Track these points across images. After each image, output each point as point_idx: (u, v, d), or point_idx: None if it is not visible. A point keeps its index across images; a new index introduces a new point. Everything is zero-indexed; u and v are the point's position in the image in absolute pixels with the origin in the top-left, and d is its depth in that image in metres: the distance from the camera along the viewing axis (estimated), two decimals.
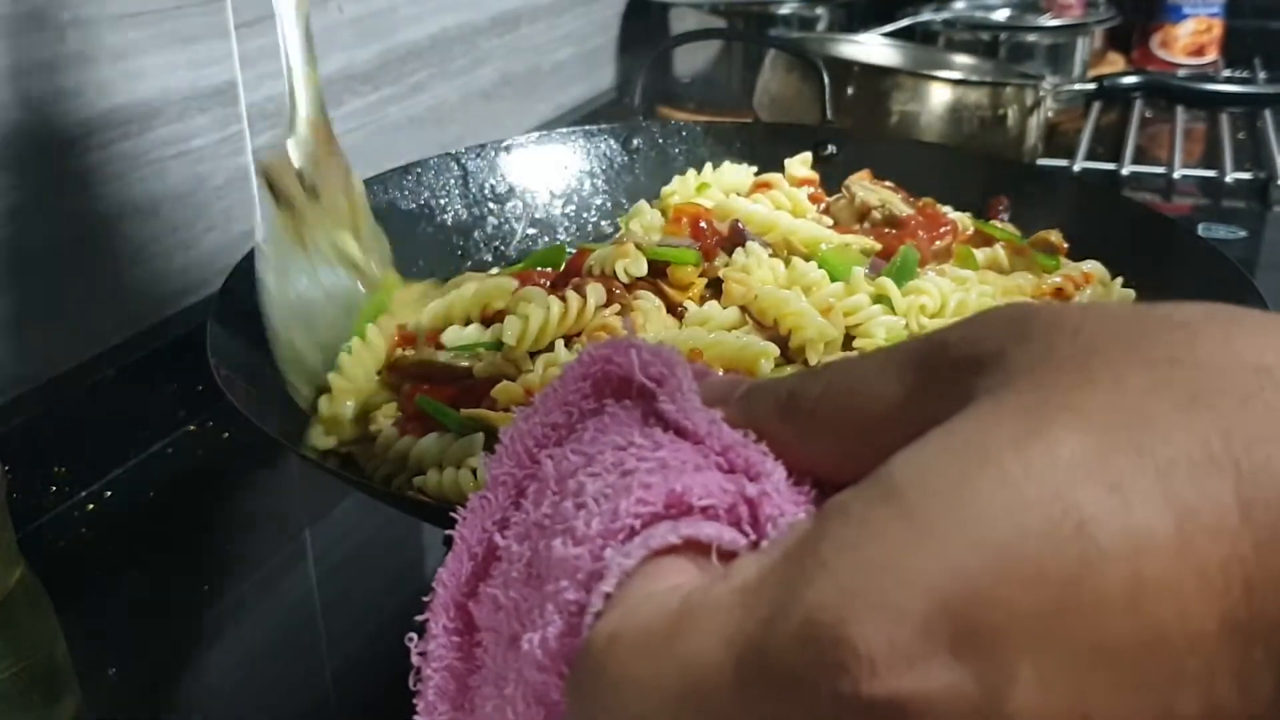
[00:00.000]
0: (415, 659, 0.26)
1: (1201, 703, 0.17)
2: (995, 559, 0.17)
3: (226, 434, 0.73)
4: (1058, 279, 0.64)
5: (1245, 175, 1.18)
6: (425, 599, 0.26)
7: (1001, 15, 1.44)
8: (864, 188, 0.70)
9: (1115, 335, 0.19)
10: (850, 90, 1.08)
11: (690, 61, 1.39)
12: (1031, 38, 1.41)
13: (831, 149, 0.81)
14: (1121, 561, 0.16)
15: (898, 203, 0.69)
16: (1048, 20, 1.42)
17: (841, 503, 0.19)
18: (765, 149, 0.81)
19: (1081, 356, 0.19)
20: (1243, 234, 1.05)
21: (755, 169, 0.76)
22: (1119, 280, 0.64)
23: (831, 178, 0.77)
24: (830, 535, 0.18)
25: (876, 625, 0.17)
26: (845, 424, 0.22)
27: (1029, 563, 0.17)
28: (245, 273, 0.61)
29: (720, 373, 0.28)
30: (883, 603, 0.17)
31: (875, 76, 1.10)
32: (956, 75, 1.11)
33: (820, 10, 1.38)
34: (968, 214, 0.72)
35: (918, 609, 0.17)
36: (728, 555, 0.21)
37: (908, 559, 0.17)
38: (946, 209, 0.73)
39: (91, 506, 0.66)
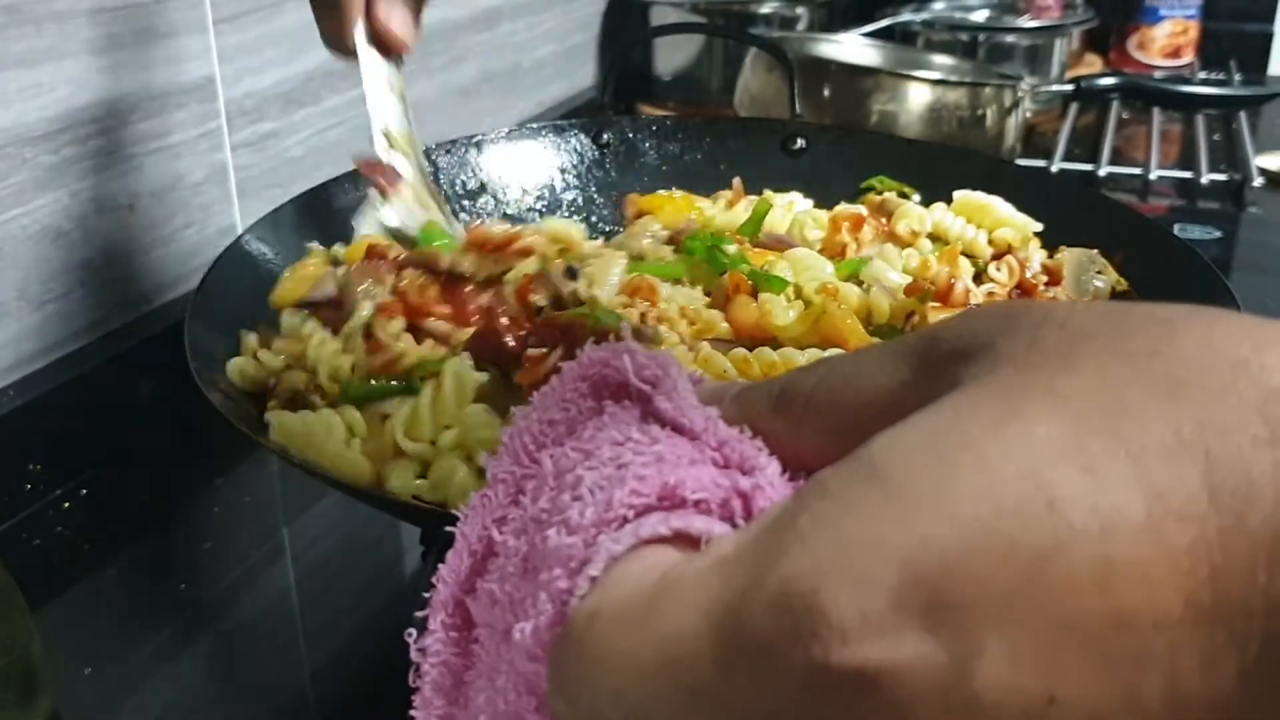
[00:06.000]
0: (414, 655, 0.26)
1: (1166, 684, 0.17)
2: (968, 534, 0.17)
3: (204, 432, 0.72)
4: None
5: (1220, 176, 1.19)
6: (403, 597, 0.27)
7: (980, 16, 1.45)
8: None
9: (1100, 329, 0.19)
10: (830, 90, 1.08)
11: (671, 60, 1.39)
12: (1010, 39, 1.42)
13: (801, 143, 0.81)
14: (1091, 541, 0.17)
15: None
16: (1026, 21, 1.43)
17: (821, 479, 0.19)
18: (735, 143, 0.82)
19: (1066, 347, 0.19)
20: (1218, 234, 1.06)
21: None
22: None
23: (801, 173, 0.77)
24: (808, 509, 0.19)
25: (849, 595, 0.17)
26: (837, 415, 0.22)
27: (1001, 539, 0.17)
28: (223, 270, 0.61)
29: None
30: (856, 574, 0.17)
31: (855, 76, 1.10)
32: (935, 75, 1.11)
33: (800, 10, 1.39)
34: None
35: (890, 580, 0.17)
36: None
37: (883, 532, 0.17)
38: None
39: (67, 504, 0.66)
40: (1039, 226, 0.69)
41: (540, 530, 0.23)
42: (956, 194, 0.72)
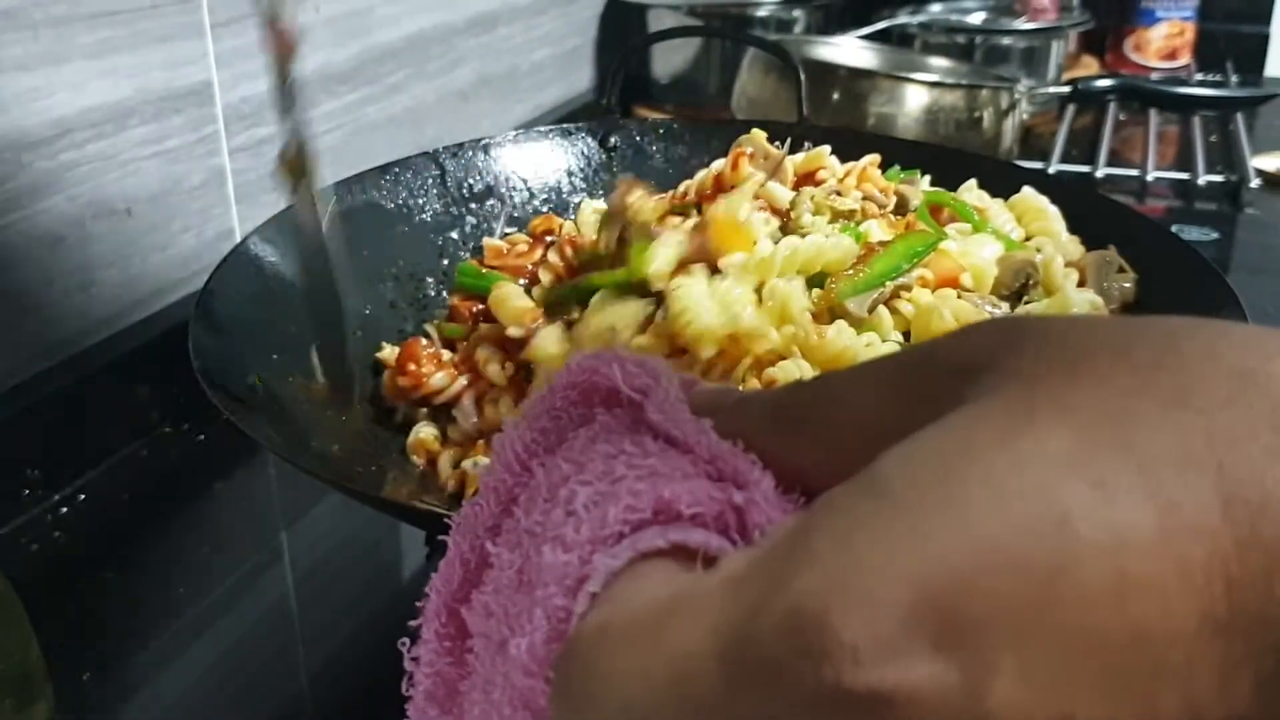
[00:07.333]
0: (407, 664, 0.26)
1: (1183, 699, 0.17)
2: (979, 551, 0.17)
3: (201, 436, 0.72)
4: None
5: (1217, 178, 1.19)
6: (402, 601, 0.26)
7: (977, 18, 1.45)
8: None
9: (1103, 342, 0.19)
10: (827, 92, 1.08)
11: (668, 63, 1.39)
12: (1006, 41, 1.42)
13: (808, 146, 0.81)
14: (1104, 556, 0.17)
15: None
16: (1022, 23, 1.43)
17: (830, 497, 0.19)
18: None
19: (1070, 361, 0.19)
20: (1215, 235, 1.06)
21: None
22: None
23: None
24: (818, 527, 0.18)
25: (861, 615, 0.17)
26: (834, 432, 0.22)
27: (1013, 555, 0.17)
28: (226, 274, 0.61)
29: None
30: (867, 593, 0.17)
31: (852, 79, 1.10)
32: (932, 78, 1.11)
33: (797, 12, 1.39)
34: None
35: (902, 600, 0.17)
36: (714, 562, 0.21)
37: (893, 550, 0.17)
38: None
39: (65, 509, 0.65)
40: (1079, 251, 0.68)
41: (534, 544, 0.23)
42: (1024, 190, 0.71)
